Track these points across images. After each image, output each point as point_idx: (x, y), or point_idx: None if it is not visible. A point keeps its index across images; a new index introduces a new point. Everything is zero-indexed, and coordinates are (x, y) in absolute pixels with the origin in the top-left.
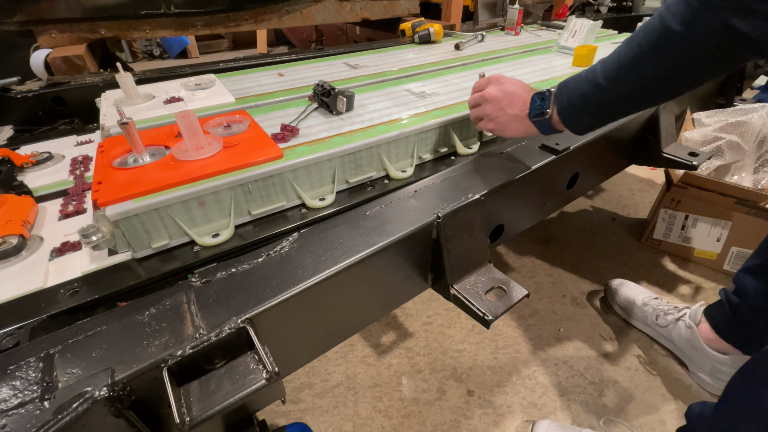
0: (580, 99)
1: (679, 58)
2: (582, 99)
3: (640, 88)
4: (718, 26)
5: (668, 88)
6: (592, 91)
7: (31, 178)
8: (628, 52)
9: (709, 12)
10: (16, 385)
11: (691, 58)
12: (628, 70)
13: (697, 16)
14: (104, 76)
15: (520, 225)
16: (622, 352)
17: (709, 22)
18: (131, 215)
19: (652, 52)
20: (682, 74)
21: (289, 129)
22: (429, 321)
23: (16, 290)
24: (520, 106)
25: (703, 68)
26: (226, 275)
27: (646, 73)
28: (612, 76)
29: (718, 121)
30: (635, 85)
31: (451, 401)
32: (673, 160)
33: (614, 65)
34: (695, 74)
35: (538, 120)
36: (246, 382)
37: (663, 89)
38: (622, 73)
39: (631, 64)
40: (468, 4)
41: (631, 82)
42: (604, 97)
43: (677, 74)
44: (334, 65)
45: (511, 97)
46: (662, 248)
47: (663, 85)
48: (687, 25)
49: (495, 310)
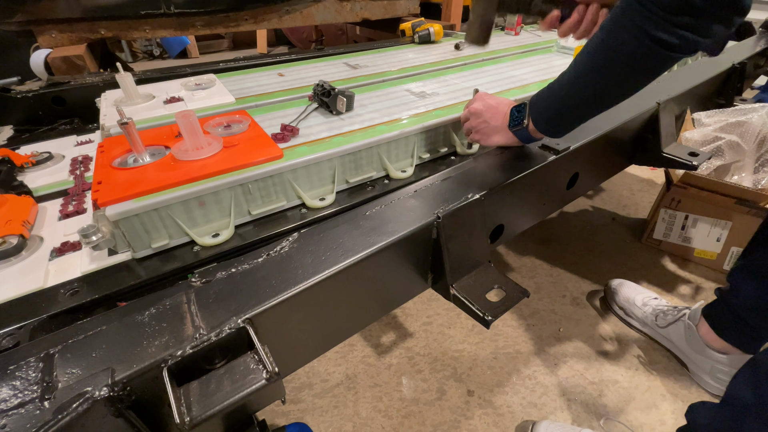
0: (548, 109)
1: (615, 67)
2: (549, 108)
3: (591, 96)
4: (641, 36)
5: (615, 94)
6: (554, 101)
7: (31, 178)
8: (576, 65)
9: (633, 25)
10: (16, 385)
11: (624, 65)
12: (579, 80)
13: (623, 29)
14: (104, 76)
15: (520, 225)
16: (622, 352)
17: (635, 34)
18: (131, 215)
19: (595, 64)
20: (621, 82)
21: (289, 129)
22: (429, 321)
23: (16, 290)
24: (501, 119)
25: (638, 74)
26: (226, 275)
27: (592, 83)
28: (566, 88)
29: (718, 121)
30: (586, 93)
31: (451, 401)
32: (673, 160)
33: (568, 75)
34: (632, 80)
35: (516, 130)
36: (246, 382)
37: (610, 95)
38: (575, 83)
39: (580, 76)
40: (468, 4)
41: (581, 91)
42: (565, 106)
43: (617, 82)
44: (334, 65)
45: (493, 111)
46: (662, 248)
47: (610, 92)
48: (616, 38)
49: (495, 310)
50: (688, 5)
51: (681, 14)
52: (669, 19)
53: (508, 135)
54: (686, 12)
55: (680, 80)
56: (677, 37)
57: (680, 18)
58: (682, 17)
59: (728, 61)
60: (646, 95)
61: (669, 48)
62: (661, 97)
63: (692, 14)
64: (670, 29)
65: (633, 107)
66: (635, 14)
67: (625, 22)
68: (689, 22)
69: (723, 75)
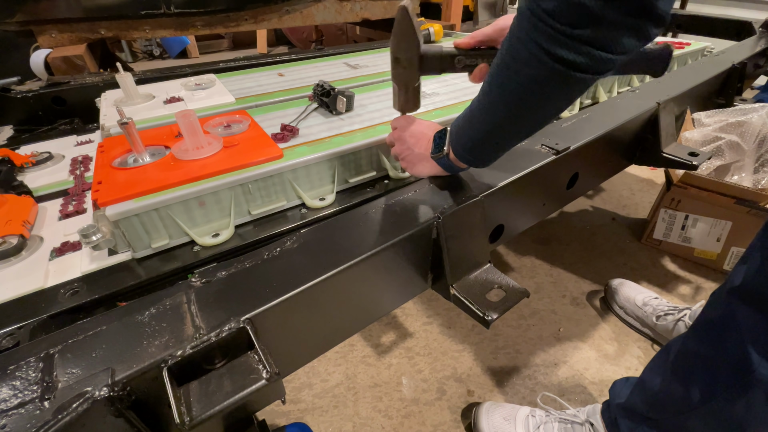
0: (464, 136)
1: (519, 92)
2: (465, 135)
3: (502, 124)
4: (539, 54)
5: (527, 121)
6: (469, 127)
7: (31, 178)
8: (483, 86)
9: (529, 40)
10: (16, 385)
11: (528, 90)
12: (488, 105)
13: (520, 46)
14: (104, 76)
15: (520, 225)
16: (622, 352)
17: (532, 51)
18: (131, 215)
19: (498, 87)
20: (529, 107)
21: (289, 129)
22: (429, 321)
23: (16, 290)
24: (425, 145)
25: (546, 99)
26: (226, 275)
27: (500, 109)
28: (477, 113)
29: (718, 121)
30: (497, 120)
31: (451, 401)
32: (673, 160)
33: (478, 98)
34: (542, 106)
35: (438, 158)
36: (246, 382)
37: (523, 123)
38: (485, 108)
39: (487, 100)
40: (468, 4)
41: (492, 118)
42: (480, 133)
43: (526, 109)
44: (334, 65)
45: (417, 136)
46: (662, 248)
47: (520, 119)
48: (513, 56)
49: (495, 310)
50: (586, 15)
51: (581, 26)
52: (568, 33)
53: (433, 164)
54: (586, 23)
55: (680, 80)
56: (582, 55)
57: (581, 31)
58: (583, 30)
59: (728, 61)
60: (646, 95)
61: (574, 68)
62: (661, 97)
63: (594, 26)
64: (572, 45)
65: (633, 107)
66: (530, 27)
67: (522, 36)
68: (593, 35)
69: (723, 75)
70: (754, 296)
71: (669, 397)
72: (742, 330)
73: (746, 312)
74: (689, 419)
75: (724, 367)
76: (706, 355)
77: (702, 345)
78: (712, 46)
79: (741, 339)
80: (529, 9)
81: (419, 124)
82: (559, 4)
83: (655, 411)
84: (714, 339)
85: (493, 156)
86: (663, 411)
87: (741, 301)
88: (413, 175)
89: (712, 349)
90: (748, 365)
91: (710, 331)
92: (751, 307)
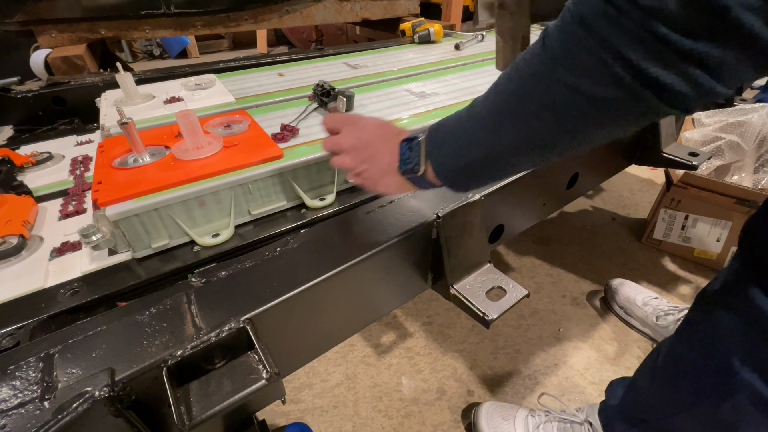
0: (456, 155)
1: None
2: (456, 155)
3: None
4: (617, 68)
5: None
6: (463, 144)
7: (31, 178)
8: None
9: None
10: (16, 385)
11: (582, 115)
12: (501, 122)
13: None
14: (104, 76)
15: (520, 225)
16: (622, 352)
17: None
18: (131, 215)
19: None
20: (568, 137)
21: (289, 129)
22: (429, 321)
23: (16, 290)
24: (388, 158)
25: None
26: (226, 275)
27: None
28: (484, 126)
29: (718, 121)
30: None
31: (451, 401)
32: (673, 160)
33: (488, 105)
34: (588, 138)
35: (410, 176)
36: (246, 382)
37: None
38: (495, 126)
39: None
40: (468, 4)
41: (499, 142)
42: (480, 156)
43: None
44: (334, 65)
45: (372, 147)
46: (662, 248)
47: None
48: (571, 63)
49: (495, 310)
50: (722, 20)
51: (700, 37)
52: (677, 44)
53: (401, 181)
54: (713, 34)
55: None
56: (686, 80)
57: (699, 44)
58: (703, 43)
59: None
60: None
61: (668, 97)
62: None
63: (725, 40)
64: (676, 63)
65: None
66: (606, 23)
67: (588, 34)
68: (711, 52)
69: None
70: (732, 301)
71: (658, 399)
72: (723, 334)
73: (725, 317)
74: (679, 422)
75: (709, 371)
76: (692, 358)
77: (687, 348)
78: None
79: (723, 343)
80: (611, 2)
81: (375, 127)
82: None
83: (646, 413)
84: (697, 342)
85: (486, 183)
86: (654, 413)
87: (720, 306)
88: (377, 193)
89: (696, 353)
90: (731, 369)
91: (694, 335)
92: (730, 311)
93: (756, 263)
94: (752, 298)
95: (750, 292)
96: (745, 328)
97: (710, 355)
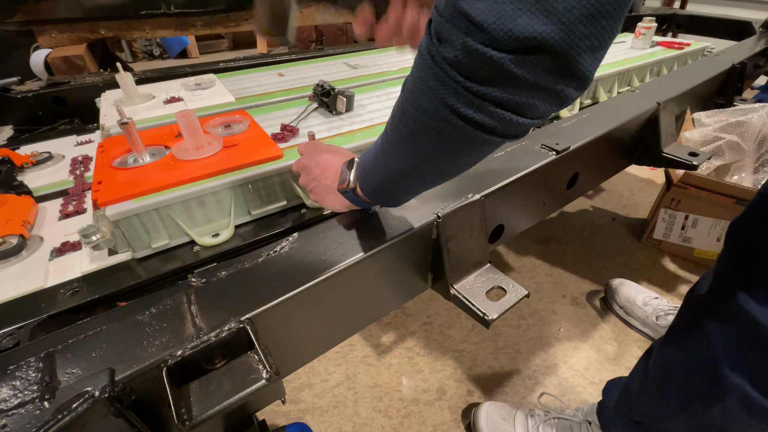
0: (373, 173)
1: (423, 144)
2: (372, 173)
3: (409, 171)
4: (443, 110)
5: (435, 173)
6: (376, 165)
7: (31, 178)
8: (388, 129)
9: (431, 92)
10: (16, 385)
11: (432, 143)
12: (392, 147)
13: (423, 95)
14: (104, 76)
15: (520, 225)
16: (622, 352)
17: (435, 106)
18: (131, 215)
19: (401, 132)
20: (434, 160)
21: (289, 129)
22: (429, 321)
23: (16, 290)
24: (332, 176)
25: (452, 155)
26: (226, 275)
27: (404, 156)
28: (383, 153)
29: (718, 121)
30: (401, 167)
31: (451, 401)
32: (673, 160)
33: (382, 139)
34: (448, 161)
35: (344, 192)
36: (246, 382)
37: (430, 174)
38: (391, 149)
39: (391, 143)
40: None
41: (397, 164)
42: (388, 174)
43: (431, 161)
44: (334, 65)
45: (323, 166)
46: (662, 248)
47: (427, 171)
48: (415, 105)
49: (495, 310)
50: (495, 72)
51: (490, 84)
52: (475, 91)
53: (342, 197)
54: (496, 81)
55: (680, 80)
56: (491, 117)
57: (491, 89)
58: (493, 89)
59: (728, 61)
60: (646, 95)
61: (483, 130)
62: (661, 96)
63: (505, 85)
64: (480, 105)
65: (633, 107)
66: (432, 77)
67: (423, 86)
68: (504, 96)
69: (723, 75)
70: (719, 306)
71: (651, 402)
72: (711, 339)
73: (714, 322)
74: (672, 425)
75: (698, 374)
76: (681, 362)
77: (677, 351)
78: (712, 46)
79: (712, 348)
80: (429, 53)
81: (327, 152)
82: (463, 56)
83: (640, 415)
84: (686, 346)
85: (403, 199)
86: (647, 416)
87: (708, 311)
88: (325, 208)
89: (685, 356)
90: (720, 373)
91: (683, 340)
92: (718, 317)
93: (743, 267)
94: (741, 304)
95: (738, 297)
96: (734, 333)
97: (699, 360)
